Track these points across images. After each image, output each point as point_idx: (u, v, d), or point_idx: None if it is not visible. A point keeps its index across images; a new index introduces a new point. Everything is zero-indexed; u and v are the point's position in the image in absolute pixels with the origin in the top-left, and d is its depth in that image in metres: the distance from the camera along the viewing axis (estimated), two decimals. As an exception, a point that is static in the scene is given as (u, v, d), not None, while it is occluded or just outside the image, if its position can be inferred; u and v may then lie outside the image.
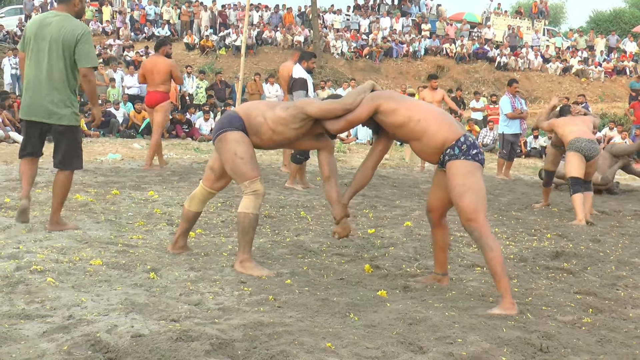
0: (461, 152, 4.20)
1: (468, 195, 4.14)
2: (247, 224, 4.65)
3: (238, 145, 4.59)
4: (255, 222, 4.68)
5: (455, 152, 4.21)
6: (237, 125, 4.63)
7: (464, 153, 4.20)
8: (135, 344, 3.11)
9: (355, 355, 3.18)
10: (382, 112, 4.37)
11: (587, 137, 7.93)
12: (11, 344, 3.10)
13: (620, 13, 45.05)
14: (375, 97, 4.42)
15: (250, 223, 4.65)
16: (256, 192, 4.64)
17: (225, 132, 4.63)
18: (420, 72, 26.96)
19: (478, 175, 4.22)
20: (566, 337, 3.61)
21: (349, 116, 4.46)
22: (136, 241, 5.40)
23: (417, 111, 4.30)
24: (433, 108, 4.46)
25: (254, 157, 4.68)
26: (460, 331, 3.58)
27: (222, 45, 26.28)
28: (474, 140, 4.30)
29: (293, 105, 4.64)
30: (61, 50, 5.38)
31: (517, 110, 12.02)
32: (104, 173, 9.50)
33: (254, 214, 4.65)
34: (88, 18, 27.03)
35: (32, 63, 5.48)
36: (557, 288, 4.74)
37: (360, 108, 4.42)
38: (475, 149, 4.24)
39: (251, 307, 3.87)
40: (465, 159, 4.19)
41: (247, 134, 4.64)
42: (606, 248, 6.22)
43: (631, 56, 29.07)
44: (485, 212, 4.18)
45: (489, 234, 4.14)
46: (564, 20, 53.58)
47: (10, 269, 4.29)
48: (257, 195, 4.65)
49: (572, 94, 24.08)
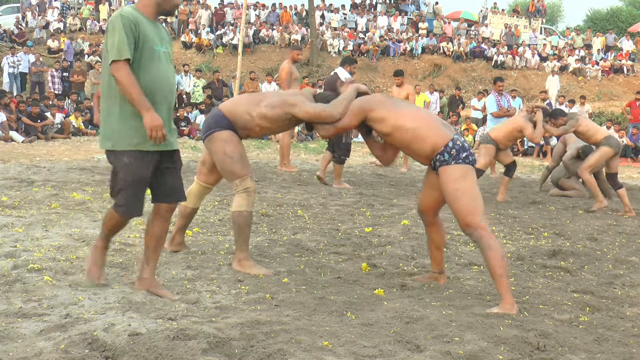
0: (451, 157, 4.20)
1: (462, 200, 4.15)
2: (242, 222, 4.67)
3: (227, 145, 4.62)
4: (249, 220, 4.70)
5: (445, 158, 4.21)
6: (223, 124, 4.66)
7: (454, 157, 4.20)
8: (133, 342, 3.10)
9: (353, 353, 3.18)
10: (371, 119, 4.43)
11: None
12: (8, 343, 3.09)
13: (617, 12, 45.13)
14: (364, 103, 4.45)
15: (245, 221, 4.67)
16: (247, 189, 4.67)
17: (213, 133, 4.66)
18: (418, 71, 26.97)
19: (470, 177, 4.22)
20: (563, 336, 3.62)
21: (339, 124, 4.51)
22: (133, 240, 5.39)
23: (406, 119, 4.30)
24: (421, 113, 4.45)
25: (243, 155, 4.70)
26: (458, 330, 3.58)
27: (220, 44, 26.26)
28: (464, 142, 4.28)
29: (280, 103, 4.63)
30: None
31: (503, 109, 11.99)
32: (101, 172, 9.49)
33: (248, 211, 4.68)
34: (85, 16, 27.05)
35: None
36: (554, 287, 4.75)
37: (350, 116, 4.46)
38: (465, 152, 4.22)
39: (248, 305, 3.87)
40: (455, 163, 4.20)
41: (235, 131, 4.67)
42: (603, 247, 6.23)
43: (628, 55, 29.09)
44: (481, 213, 4.17)
45: (488, 234, 4.14)
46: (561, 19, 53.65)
47: (8, 268, 4.29)
48: (248, 192, 4.67)
49: (570, 93, 24.09)
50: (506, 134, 8.94)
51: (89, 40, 24.27)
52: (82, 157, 9.73)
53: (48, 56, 22.65)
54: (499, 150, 9.05)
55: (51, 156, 11.33)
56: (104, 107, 3.82)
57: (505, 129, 9.02)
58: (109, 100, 3.80)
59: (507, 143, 9.02)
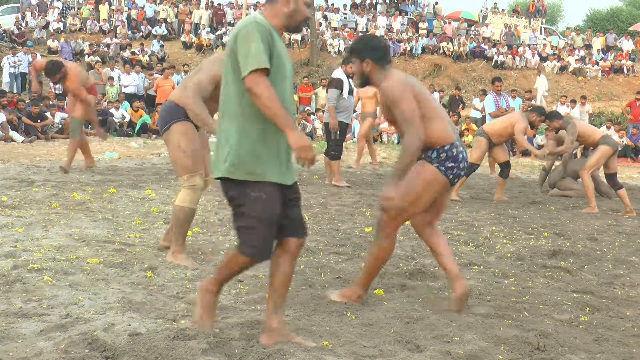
0: (437, 159, 3.95)
1: (407, 198, 3.92)
2: (183, 217, 4.72)
3: (182, 138, 4.65)
4: (191, 216, 4.76)
5: (431, 156, 3.96)
6: (180, 115, 4.68)
7: (439, 161, 3.95)
8: (133, 342, 3.10)
9: (353, 353, 3.18)
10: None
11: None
12: (8, 343, 3.09)
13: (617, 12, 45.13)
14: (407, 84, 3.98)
15: (186, 217, 4.73)
16: (194, 186, 4.70)
17: (171, 125, 4.67)
18: (418, 71, 26.94)
19: (434, 188, 3.96)
20: (563, 336, 3.62)
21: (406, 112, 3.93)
22: (133, 240, 5.39)
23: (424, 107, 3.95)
24: (437, 106, 4.24)
25: (197, 151, 4.71)
26: (458, 330, 3.58)
27: (220, 44, 26.26)
28: (459, 153, 4.00)
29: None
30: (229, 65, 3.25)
31: (501, 109, 11.99)
32: (101, 172, 9.50)
33: (190, 208, 4.72)
34: (85, 17, 27.04)
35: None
36: (554, 287, 4.75)
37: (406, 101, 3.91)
38: (453, 163, 3.96)
39: (248, 305, 3.87)
40: (436, 167, 3.95)
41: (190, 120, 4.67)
42: (603, 247, 6.23)
43: (628, 55, 29.09)
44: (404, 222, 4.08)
45: (390, 234, 4.02)
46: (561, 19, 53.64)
47: (8, 268, 4.29)
48: (194, 189, 4.71)
49: (570, 93, 24.09)
50: (500, 129, 8.94)
51: (89, 40, 24.27)
52: (82, 157, 9.74)
53: (48, 56, 22.66)
54: (492, 145, 9.01)
55: (51, 156, 11.33)
56: (225, 127, 3.19)
57: (500, 124, 9.03)
58: (238, 119, 3.16)
59: (500, 138, 8.98)
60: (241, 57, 3.08)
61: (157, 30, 26.38)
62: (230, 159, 3.13)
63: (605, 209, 8.76)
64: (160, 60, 23.47)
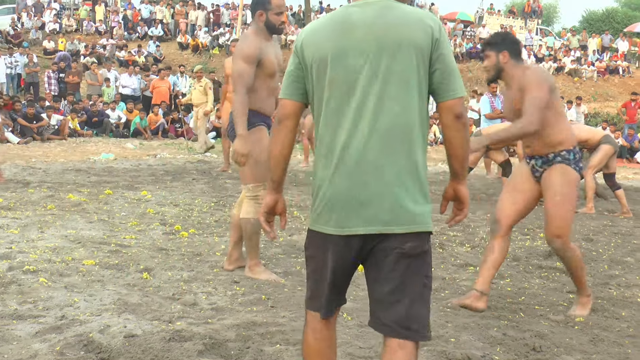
0: (573, 160, 4.07)
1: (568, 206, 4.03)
2: (250, 229, 4.50)
3: (256, 145, 4.35)
4: (258, 227, 4.40)
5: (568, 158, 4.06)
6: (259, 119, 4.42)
7: (575, 162, 4.08)
8: (128, 344, 3.10)
9: (348, 355, 3.18)
10: None
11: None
12: (3, 345, 3.09)
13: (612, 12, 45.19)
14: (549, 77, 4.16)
15: (253, 228, 4.48)
16: (257, 197, 4.45)
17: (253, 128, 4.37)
18: (414, 72, 26.95)
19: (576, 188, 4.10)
20: (559, 337, 3.63)
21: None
22: (129, 241, 5.39)
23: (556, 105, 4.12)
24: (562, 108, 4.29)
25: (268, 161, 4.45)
26: (454, 331, 3.58)
27: (216, 45, 26.24)
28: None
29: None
30: (407, 69, 2.24)
31: (497, 111, 11.98)
32: (97, 173, 9.48)
33: (256, 219, 4.36)
34: (82, 17, 27.00)
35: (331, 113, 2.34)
36: (550, 287, 4.75)
37: None
38: (580, 164, 4.11)
39: (244, 306, 3.87)
40: (574, 168, 4.06)
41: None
42: (599, 247, 6.24)
43: (623, 55, 29.16)
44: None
45: (569, 247, 4.06)
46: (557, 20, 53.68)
47: (3, 269, 4.28)
48: (257, 200, 4.44)
49: (566, 94, 24.12)
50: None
51: (85, 41, 24.23)
52: (77, 158, 9.74)
53: (44, 57, 22.61)
54: (489, 149, 9.01)
55: (47, 157, 11.31)
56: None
57: (498, 127, 9.01)
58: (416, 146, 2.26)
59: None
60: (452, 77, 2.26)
61: (153, 31, 26.35)
62: (422, 205, 2.26)
63: (601, 209, 8.77)
64: (156, 61, 23.45)
